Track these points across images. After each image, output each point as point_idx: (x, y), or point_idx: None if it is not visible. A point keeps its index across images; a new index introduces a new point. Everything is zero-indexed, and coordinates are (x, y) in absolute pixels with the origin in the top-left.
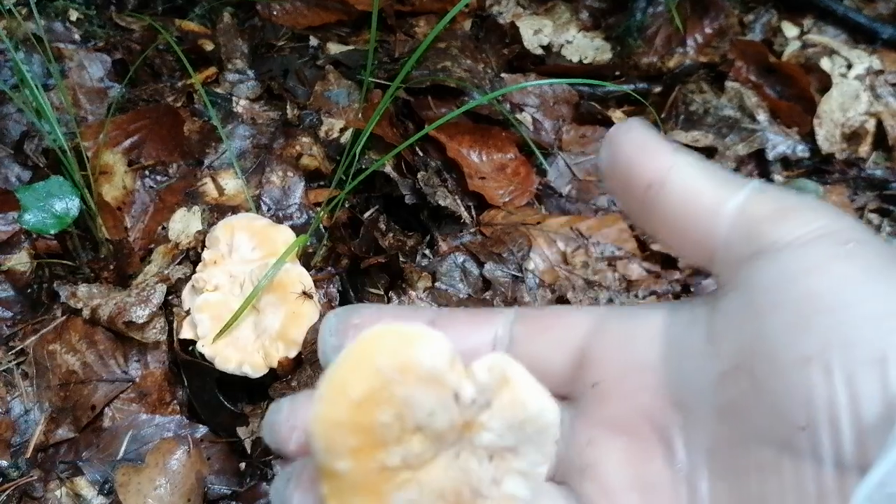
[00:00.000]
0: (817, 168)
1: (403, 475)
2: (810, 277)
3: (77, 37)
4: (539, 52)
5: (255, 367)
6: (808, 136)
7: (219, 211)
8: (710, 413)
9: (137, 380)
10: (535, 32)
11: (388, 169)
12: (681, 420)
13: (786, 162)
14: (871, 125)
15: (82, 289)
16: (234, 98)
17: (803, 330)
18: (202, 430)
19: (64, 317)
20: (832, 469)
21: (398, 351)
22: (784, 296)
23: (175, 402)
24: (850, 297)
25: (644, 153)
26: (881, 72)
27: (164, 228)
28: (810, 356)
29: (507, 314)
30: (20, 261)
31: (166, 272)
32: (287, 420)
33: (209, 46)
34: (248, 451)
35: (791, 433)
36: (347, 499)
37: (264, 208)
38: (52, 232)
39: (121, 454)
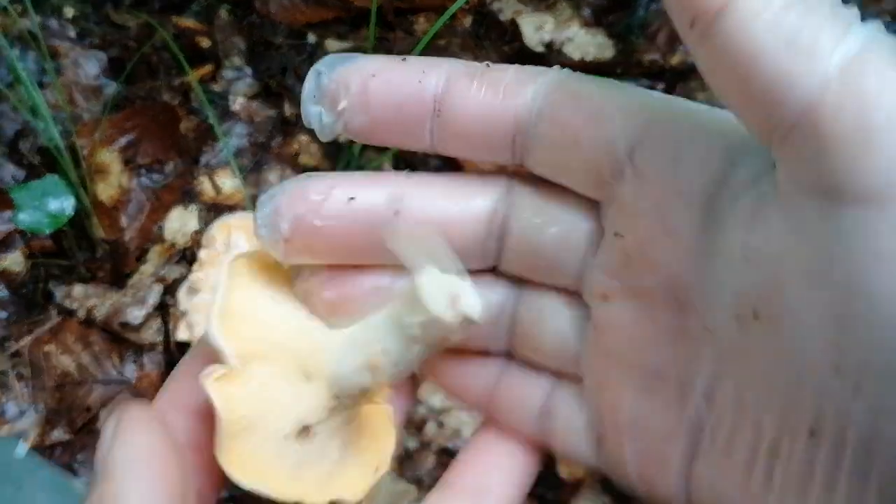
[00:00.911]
0: None
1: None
2: None
3: (72, 34)
4: (540, 49)
5: None
6: None
7: (216, 210)
8: (726, 324)
9: (133, 381)
10: (536, 29)
11: (387, 168)
12: (701, 319)
13: None
14: None
15: (78, 289)
16: (231, 96)
17: None
18: None
19: (59, 317)
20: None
21: None
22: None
23: None
24: None
25: None
26: None
27: (160, 228)
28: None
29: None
30: (15, 261)
31: (162, 272)
32: (272, 217)
33: (206, 44)
34: None
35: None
36: None
37: None
38: (47, 231)
39: None
